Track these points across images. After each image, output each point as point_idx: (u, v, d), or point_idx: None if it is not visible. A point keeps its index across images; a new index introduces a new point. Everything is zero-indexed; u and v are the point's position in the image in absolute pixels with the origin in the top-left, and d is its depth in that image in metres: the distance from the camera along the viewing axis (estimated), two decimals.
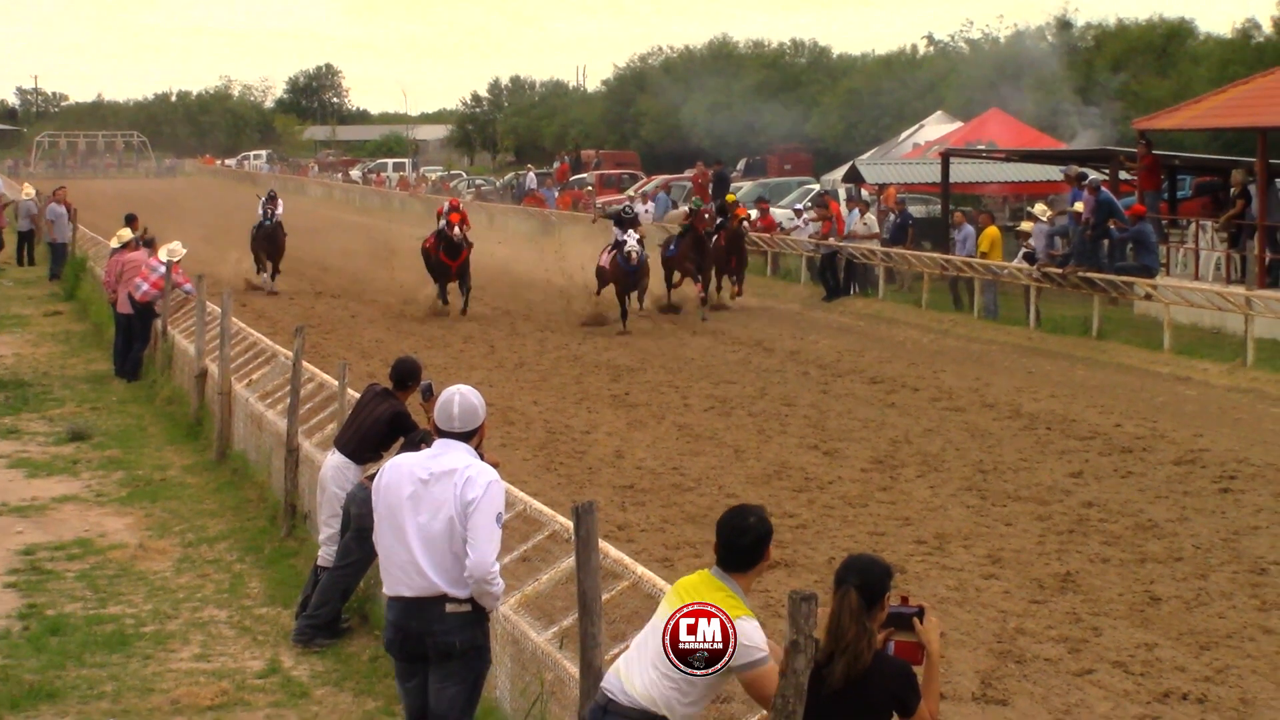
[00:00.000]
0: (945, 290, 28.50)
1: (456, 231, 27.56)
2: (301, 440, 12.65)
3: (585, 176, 58.17)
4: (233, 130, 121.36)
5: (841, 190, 38.19)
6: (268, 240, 31.64)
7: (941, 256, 28.62)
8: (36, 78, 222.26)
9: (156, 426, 18.06)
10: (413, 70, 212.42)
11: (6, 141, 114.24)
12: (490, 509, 7.05)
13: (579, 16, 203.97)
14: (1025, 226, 27.26)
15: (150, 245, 22.17)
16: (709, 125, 64.05)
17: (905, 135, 49.57)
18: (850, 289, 30.57)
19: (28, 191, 39.95)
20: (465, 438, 7.24)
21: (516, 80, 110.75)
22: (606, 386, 20.56)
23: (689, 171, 51.37)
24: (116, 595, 11.46)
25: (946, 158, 33.36)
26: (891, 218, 31.12)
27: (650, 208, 40.88)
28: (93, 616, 10.91)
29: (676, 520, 13.39)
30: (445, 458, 7.18)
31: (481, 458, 7.30)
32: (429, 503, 7.11)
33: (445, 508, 7.07)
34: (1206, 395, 19.69)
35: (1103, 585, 11.46)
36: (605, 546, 7.43)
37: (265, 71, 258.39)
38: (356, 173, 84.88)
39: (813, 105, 66.55)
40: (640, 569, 7.63)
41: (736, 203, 31.74)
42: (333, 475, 10.47)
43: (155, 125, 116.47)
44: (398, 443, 9.90)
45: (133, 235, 22.60)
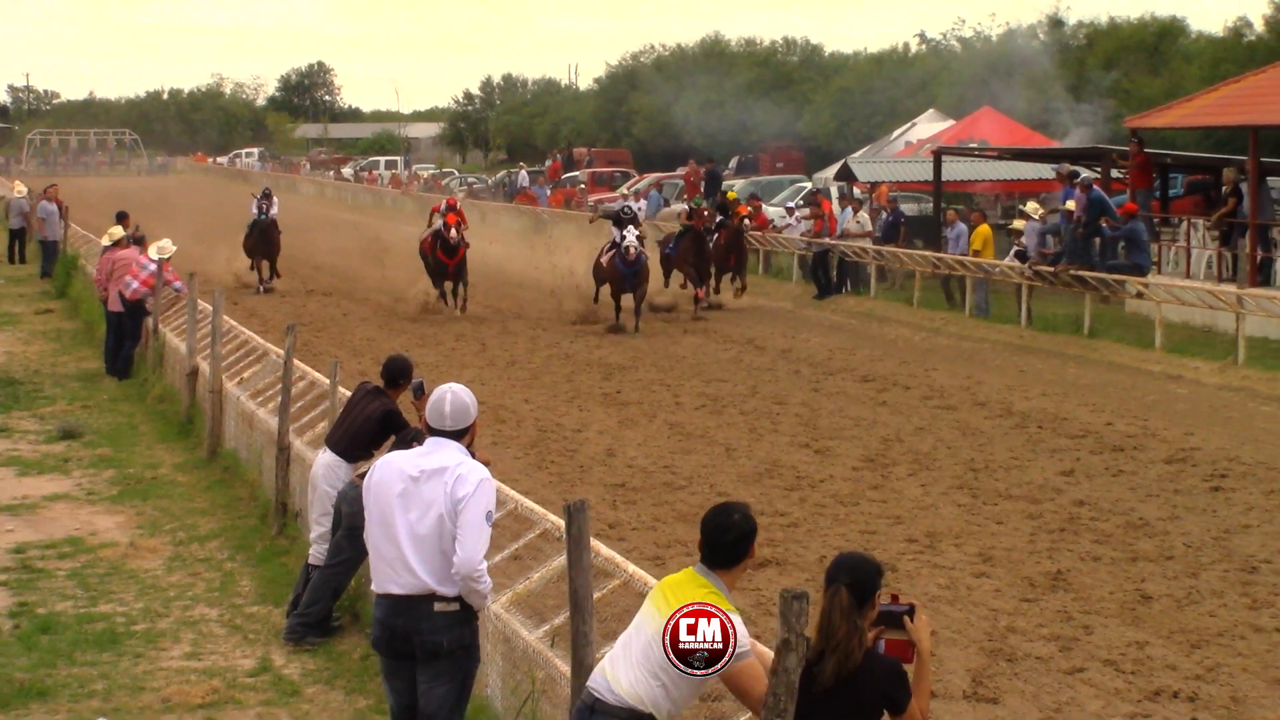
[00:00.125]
0: (937, 288, 28.52)
1: (454, 234, 27.52)
2: (293, 438, 12.65)
3: (578, 174, 58.16)
4: (225, 128, 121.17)
5: (834, 188, 38.18)
6: (263, 238, 31.40)
7: (933, 255, 28.63)
8: (28, 75, 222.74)
9: (147, 425, 18.04)
10: (405, 68, 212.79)
11: None
12: (480, 507, 7.04)
13: (571, 14, 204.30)
14: (1017, 225, 27.31)
15: (141, 243, 22.13)
16: (701, 123, 64.01)
17: (897, 133, 49.61)
18: (842, 287, 30.58)
19: (19, 189, 39.85)
20: (457, 436, 7.23)
21: (509, 78, 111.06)
22: (598, 385, 20.55)
23: (681, 170, 51.43)
24: (107, 594, 11.44)
25: (938, 156, 33.38)
26: (884, 216, 31.12)
27: (643, 205, 40.82)
28: (83, 615, 10.89)
29: (668, 519, 13.39)
30: (436, 456, 7.17)
31: (473, 456, 7.30)
32: (419, 501, 7.10)
33: (435, 506, 7.06)
34: (1198, 394, 19.71)
35: (1094, 584, 11.47)
36: (597, 545, 7.42)
37: (257, 69, 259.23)
38: (348, 171, 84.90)
39: (805, 103, 66.53)
40: (631, 567, 7.62)
41: (737, 200, 31.73)
42: (324, 473, 10.46)
43: (147, 123, 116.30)
44: (389, 441, 9.90)
45: (124, 233, 22.55)
